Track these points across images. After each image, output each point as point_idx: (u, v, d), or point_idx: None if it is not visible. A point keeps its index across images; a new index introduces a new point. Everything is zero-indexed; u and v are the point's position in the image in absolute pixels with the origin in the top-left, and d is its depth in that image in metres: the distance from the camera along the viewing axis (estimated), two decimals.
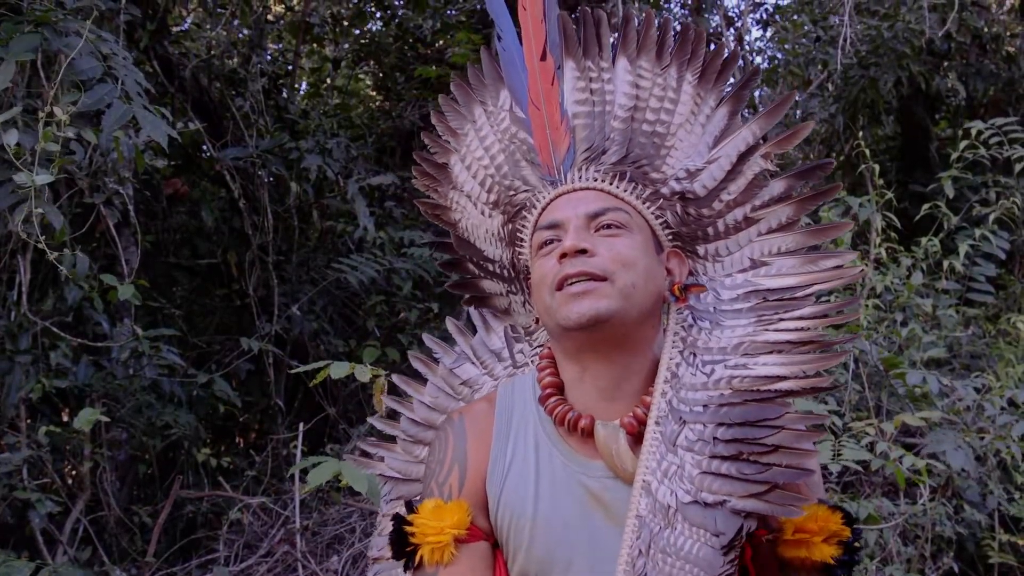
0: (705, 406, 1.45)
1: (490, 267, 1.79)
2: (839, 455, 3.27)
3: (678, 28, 1.61)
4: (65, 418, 4.61)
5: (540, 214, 1.62)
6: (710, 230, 1.59)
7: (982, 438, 3.85)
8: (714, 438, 1.42)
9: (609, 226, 1.53)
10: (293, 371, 3.03)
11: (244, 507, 4.59)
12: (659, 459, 1.46)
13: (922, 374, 3.86)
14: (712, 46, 1.59)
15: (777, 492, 1.36)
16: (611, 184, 1.58)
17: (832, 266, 1.51)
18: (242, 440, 6.29)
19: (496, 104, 1.71)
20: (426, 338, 1.96)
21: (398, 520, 1.55)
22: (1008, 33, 7.56)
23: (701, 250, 1.60)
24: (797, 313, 1.48)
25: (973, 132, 4.94)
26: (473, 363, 1.86)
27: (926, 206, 4.93)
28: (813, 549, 1.47)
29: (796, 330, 1.46)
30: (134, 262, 4.56)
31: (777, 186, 1.54)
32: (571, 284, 1.48)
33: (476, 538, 1.53)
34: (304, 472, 2.65)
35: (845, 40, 6.29)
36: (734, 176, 1.55)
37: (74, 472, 4.73)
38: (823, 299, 1.53)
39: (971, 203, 5.39)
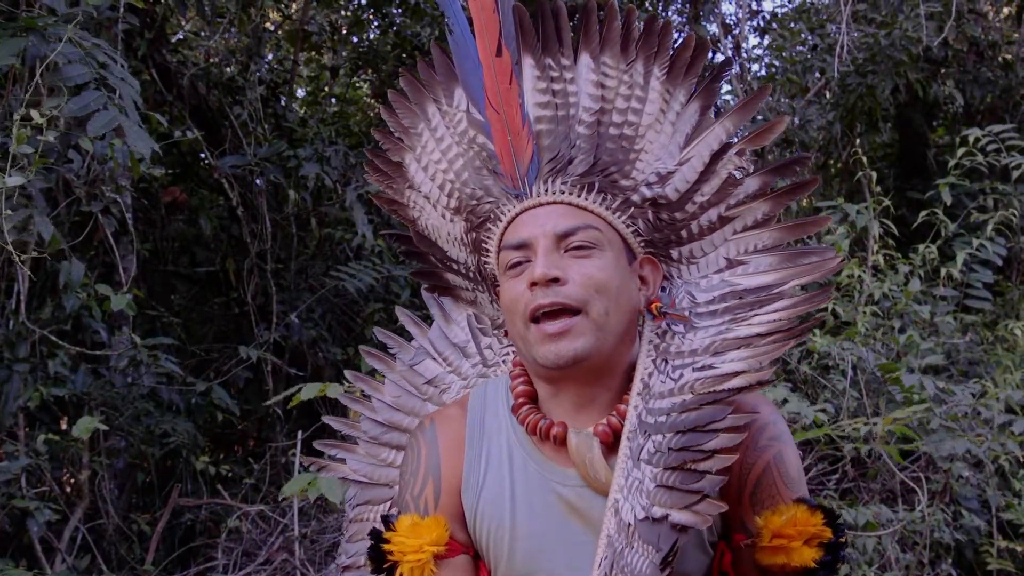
0: (668, 414, 1.39)
1: (454, 267, 1.70)
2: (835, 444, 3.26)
3: (643, 22, 1.49)
4: (63, 426, 4.61)
5: (505, 230, 1.53)
6: (683, 233, 1.51)
7: (980, 444, 3.86)
8: (668, 448, 1.36)
9: (580, 247, 1.45)
10: (267, 403, 3.00)
11: (242, 515, 4.59)
12: (626, 475, 1.41)
13: (918, 377, 3.86)
14: (680, 35, 1.51)
15: (706, 501, 1.30)
16: (579, 197, 1.49)
17: (810, 261, 1.43)
18: (240, 448, 6.29)
19: (451, 103, 1.60)
20: (378, 332, 1.88)
21: (376, 536, 1.52)
22: (1005, 40, 7.57)
23: (675, 254, 1.53)
24: (772, 307, 1.41)
25: (971, 139, 4.95)
26: (435, 359, 1.79)
27: (924, 213, 4.94)
28: (792, 555, 1.41)
29: (768, 323, 1.39)
30: (132, 270, 4.56)
31: (752, 183, 1.46)
32: (546, 319, 1.42)
33: (455, 552, 1.50)
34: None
35: (842, 48, 6.31)
36: (707, 176, 1.46)
37: (72, 480, 4.73)
38: (800, 292, 1.45)
39: (968, 210, 5.40)
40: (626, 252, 1.51)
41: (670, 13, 7.87)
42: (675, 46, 1.49)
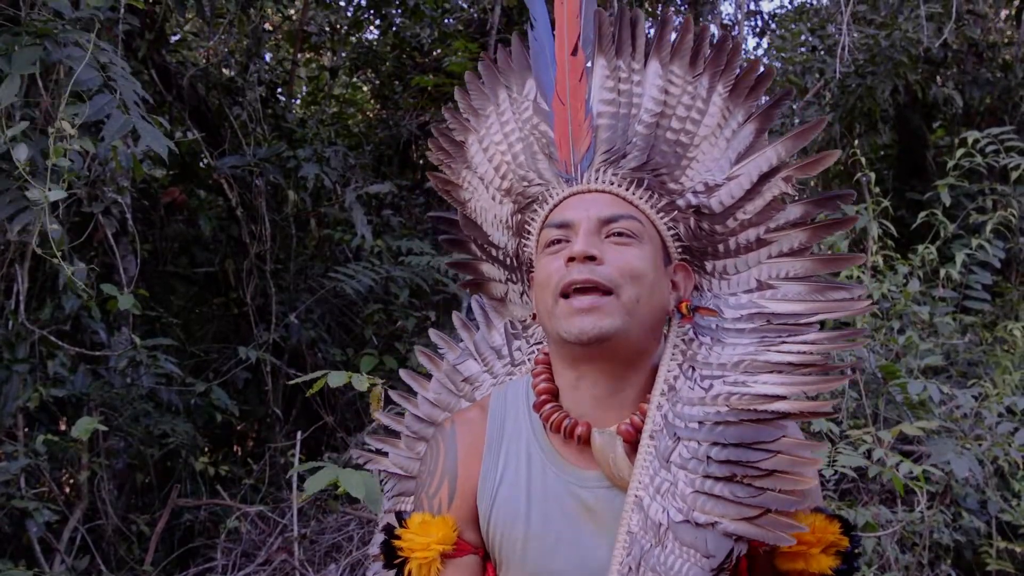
0: (701, 423, 1.43)
1: (493, 252, 1.76)
2: (835, 462, 3.27)
3: (716, 37, 1.58)
4: (63, 427, 4.61)
5: (551, 211, 1.58)
6: (720, 247, 1.56)
7: (980, 445, 3.86)
8: (708, 457, 1.40)
9: (620, 234, 1.49)
10: (292, 382, 3.02)
11: (242, 516, 4.59)
12: (652, 475, 1.44)
13: (923, 383, 3.86)
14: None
15: (769, 517, 1.34)
16: (627, 190, 1.54)
17: (840, 297, 1.48)
18: (240, 449, 6.29)
19: (521, 92, 1.67)
20: (432, 334, 1.93)
21: (388, 531, 1.56)
22: (1004, 41, 7.58)
23: (709, 266, 1.58)
24: (800, 338, 1.45)
25: (969, 141, 4.95)
26: (475, 359, 1.84)
27: (923, 214, 4.94)
28: (811, 561, 1.44)
29: (798, 353, 1.43)
30: (132, 271, 4.56)
31: (794, 211, 1.51)
32: (576, 294, 1.45)
33: (463, 552, 1.53)
34: (302, 479, 2.66)
35: (842, 49, 6.31)
36: (752, 196, 1.52)
37: (72, 481, 4.73)
38: (829, 326, 1.50)
39: (968, 211, 5.40)
40: (663, 253, 1.56)
41: (669, 13, 7.87)
42: (742, 68, 1.55)
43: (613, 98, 1.58)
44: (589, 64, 1.60)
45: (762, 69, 1.53)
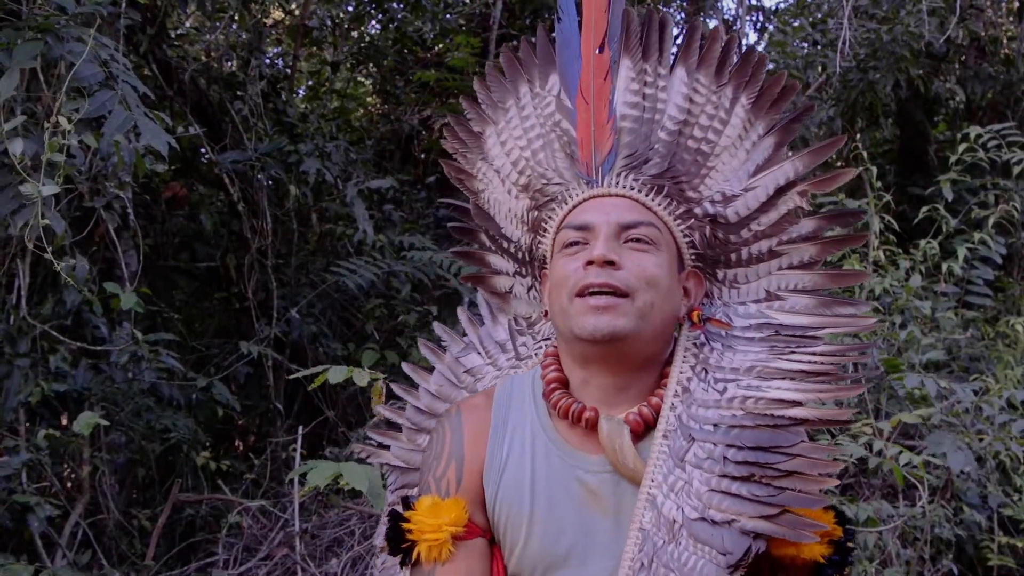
0: (716, 425, 1.45)
1: (505, 244, 1.77)
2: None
3: (743, 47, 1.58)
4: (64, 422, 4.61)
5: (570, 211, 1.60)
6: (733, 256, 1.59)
7: (981, 440, 3.86)
8: (724, 458, 1.41)
9: (639, 240, 1.52)
10: (292, 376, 3.03)
11: (243, 510, 4.59)
12: (666, 473, 1.46)
13: (920, 377, 3.86)
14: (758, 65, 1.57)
15: (789, 516, 1.35)
16: (647, 196, 1.56)
17: (847, 313, 1.51)
18: (241, 444, 6.29)
19: (544, 87, 1.68)
20: (436, 327, 1.95)
21: (394, 516, 1.55)
22: (1006, 36, 7.57)
23: (720, 274, 1.61)
24: (810, 349, 1.48)
25: (972, 136, 4.95)
26: (479, 353, 1.85)
27: (924, 209, 4.94)
28: (803, 547, 1.44)
29: (810, 362, 1.46)
30: (134, 266, 4.56)
31: (807, 225, 1.54)
32: (592, 295, 1.47)
33: (473, 535, 1.53)
34: (303, 475, 2.67)
35: (844, 43, 6.30)
36: (768, 208, 1.55)
37: (73, 476, 4.73)
38: (838, 340, 1.52)
39: (969, 206, 5.39)
40: (678, 260, 1.58)
41: (671, 8, 7.86)
42: (766, 80, 1.56)
43: (637, 102, 1.59)
44: (615, 63, 1.60)
45: (785, 83, 1.55)
